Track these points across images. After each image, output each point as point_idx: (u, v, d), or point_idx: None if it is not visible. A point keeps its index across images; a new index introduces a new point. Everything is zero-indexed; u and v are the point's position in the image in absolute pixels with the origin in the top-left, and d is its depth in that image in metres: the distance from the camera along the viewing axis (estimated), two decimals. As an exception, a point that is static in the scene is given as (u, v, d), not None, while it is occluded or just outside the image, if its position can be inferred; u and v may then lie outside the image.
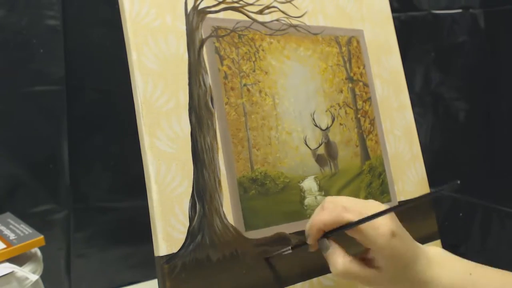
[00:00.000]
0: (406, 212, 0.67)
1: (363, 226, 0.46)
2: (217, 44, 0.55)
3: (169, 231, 0.48)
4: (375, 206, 0.47)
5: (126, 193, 0.79)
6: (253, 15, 0.58)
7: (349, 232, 0.47)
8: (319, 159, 0.60)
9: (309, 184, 0.59)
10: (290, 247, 0.51)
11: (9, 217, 0.65)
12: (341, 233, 0.47)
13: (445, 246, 0.71)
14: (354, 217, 0.46)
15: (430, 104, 0.85)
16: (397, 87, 0.71)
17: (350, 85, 0.66)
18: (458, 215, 0.82)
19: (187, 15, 0.54)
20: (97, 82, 0.76)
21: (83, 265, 0.77)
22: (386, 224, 0.46)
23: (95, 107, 0.77)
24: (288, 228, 0.55)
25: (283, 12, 0.61)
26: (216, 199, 0.51)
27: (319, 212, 0.48)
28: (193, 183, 0.50)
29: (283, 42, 0.60)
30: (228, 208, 0.52)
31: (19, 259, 0.57)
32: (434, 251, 0.50)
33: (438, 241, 0.71)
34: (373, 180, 0.65)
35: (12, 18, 0.70)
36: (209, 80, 0.53)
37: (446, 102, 0.83)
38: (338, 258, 0.46)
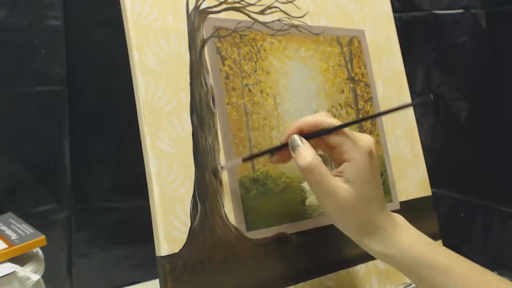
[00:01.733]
0: (408, 212, 0.67)
1: (348, 132, 0.45)
2: (218, 44, 0.55)
3: (170, 231, 0.48)
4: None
5: (127, 193, 0.79)
6: (254, 15, 0.58)
7: (331, 139, 0.45)
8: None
9: (311, 184, 0.59)
10: (241, 158, 0.50)
11: (10, 217, 0.65)
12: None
13: (447, 247, 0.71)
14: (335, 122, 0.45)
15: (431, 104, 0.85)
16: (398, 87, 0.71)
17: (352, 85, 0.66)
18: (459, 215, 0.82)
19: (188, 15, 0.54)
20: (98, 83, 0.76)
21: (85, 265, 0.77)
22: (370, 140, 0.45)
23: (97, 107, 0.77)
24: (289, 228, 0.55)
25: (284, 12, 0.61)
26: (218, 199, 0.51)
27: (307, 117, 0.47)
28: (194, 183, 0.50)
29: (285, 42, 0.60)
30: (230, 208, 0.52)
31: (20, 259, 0.57)
32: (398, 217, 0.49)
33: (440, 242, 0.71)
34: (374, 180, 0.65)
35: (14, 18, 0.71)
36: (210, 80, 0.54)
37: (447, 102, 0.83)
38: (309, 153, 0.44)
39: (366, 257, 0.61)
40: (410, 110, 0.72)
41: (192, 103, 0.52)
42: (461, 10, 0.79)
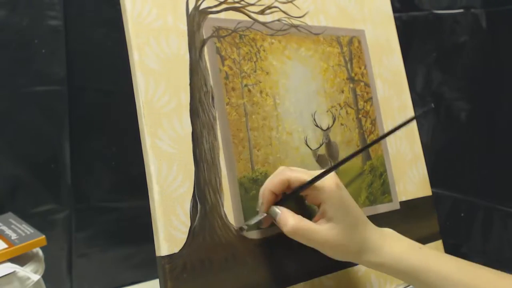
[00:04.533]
0: (408, 212, 0.67)
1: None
2: (218, 45, 0.55)
3: (170, 231, 0.48)
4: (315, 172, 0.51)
5: (127, 193, 0.79)
6: (254, 15, 0.58)
7: (304, 192, 0.51)
8: (320, 160, 0.60)
9: (310, 184, 0.59)
10: (264, 213, 0.52)
11: (10, 217, 0.65)
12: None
13: (447, 247, 0.71)
14: (301, 175, 0.50)
15: (431, 104, 0.85)
16: (398, 87, 0.71)
17: (351, 85, 0.66)
18: (459, 215, 0.82)
19: (188, 15, 0.54)
20: (98, 83, 0.76)
21: (85, 265, 0.77)
22: (331, 177, 0.50)
23: (97, 107, 0.77)
24: (289, 228, 0.55)
25: (284, 12, 0.61)
26: (217, 199, 0.51)
27: (268, 178, 0.52)
28: (194, 183, 0.50)
29: (284, 42, 0.60)
30: (229, 208, 0.52)
31: (20, 259, 0.57)
32: (386, 229, 0.53)
33: (440, 242, 0.71)
34: (374, 180, 0.65)
35: (14, 18, 0.71)
36: (210, 80, 0.54)
37: (447, 102, 0.83)
38: (289, 218, 0.49)
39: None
40: (410, 110, 0.72)
41: (191, 103, 0.52)
42: (461, 10, 0.79)
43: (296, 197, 0.52)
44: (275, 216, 0.50)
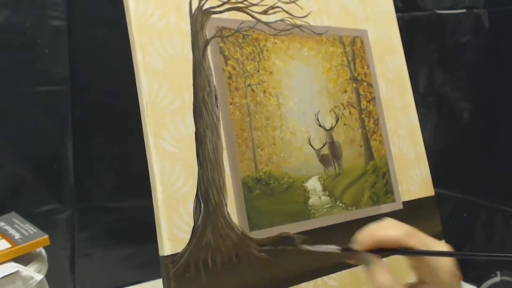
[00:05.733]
0: (411, 212, 0.67)
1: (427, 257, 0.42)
2: (221, 44, 0.55)
3: (173, 230, 0.48)
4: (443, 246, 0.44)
5: (130, 193, 0.79)
6: (257, 15, 0.58)
7: (411, 258, 0.43)
8: (323, 159, 0.60)
9: (313, 184, 0.59)
10: (340, 248, 0.45)
11: (14, 217, 0.65)
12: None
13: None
14: (418, 245, 0.42)
15: (434, 104, 0.85)
16: (401, 87, 0.71)
17: (354, 85, 0.66)
18: (462, 215, 0.82)
19: (191, 15, 0.54)
20: (101, 83, 0.76)
21: (87, 265, 0.77)
22: (453, 264, 0.43)
23: (100, 107, 0.77)
24: (292, 228, 0.55)
25: (287, 12, 0.61)
26: (221, 199, 0.51)
27: (387, 224, 0.43)
28: (197, 183, 0.50)
29: (287, 42, 0.60)
30: (233, 208, 0.52)
31: (24, 259, 0.57)
32: None
33: (442, 241, 0.70)
34: (377, 180, 0.65)
35: (17, 18, 0.71)
36: (213, 80, 0.54)
37: (450, 102, 0.83)
38: (382, 275, 0.41)
39: (369, 257, 0.61)
40: (413, 110, 0.72)
41: (195, 103, 0.52)
42: (464, 10, 0.79)
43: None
44: (366, 263, 0.42)
